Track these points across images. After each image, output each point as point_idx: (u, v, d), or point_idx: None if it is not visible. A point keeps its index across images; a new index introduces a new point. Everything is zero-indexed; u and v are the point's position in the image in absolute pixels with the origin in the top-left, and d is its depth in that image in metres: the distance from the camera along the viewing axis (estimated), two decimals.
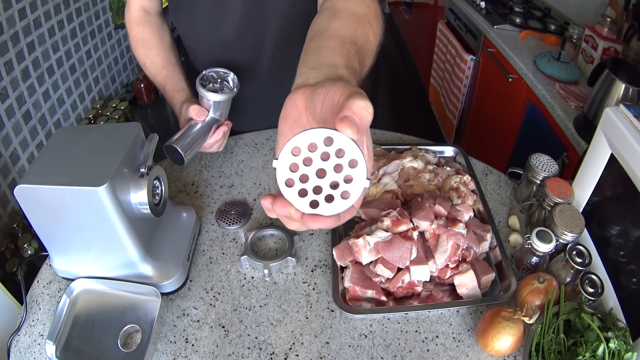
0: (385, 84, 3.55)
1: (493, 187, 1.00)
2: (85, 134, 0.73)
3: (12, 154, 1.94)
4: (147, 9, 1.02)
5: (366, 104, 0.39)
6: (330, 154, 0.40)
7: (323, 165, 0.40)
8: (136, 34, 1.01)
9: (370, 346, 0.73)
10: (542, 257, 0.78)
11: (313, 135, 0.40)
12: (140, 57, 1.02)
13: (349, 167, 0.40)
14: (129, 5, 1.01)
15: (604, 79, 1.21)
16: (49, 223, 0.69)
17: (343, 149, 0.40)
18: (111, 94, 2.87)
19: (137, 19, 1.01)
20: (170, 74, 1.00)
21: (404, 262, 0.76)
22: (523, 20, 1.84)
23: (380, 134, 1.14)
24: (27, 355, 0.71)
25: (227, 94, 0.92)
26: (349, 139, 0.39)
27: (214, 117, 0.94)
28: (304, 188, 0.40)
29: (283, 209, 0.40)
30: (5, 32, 1.88)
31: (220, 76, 0.95)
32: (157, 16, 1.04)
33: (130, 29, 1.02)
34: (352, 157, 0.40)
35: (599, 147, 0.78)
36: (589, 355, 0.63)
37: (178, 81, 0.99)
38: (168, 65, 1.00)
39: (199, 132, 0.92)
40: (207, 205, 0.96)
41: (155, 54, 1.01)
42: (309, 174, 0.40)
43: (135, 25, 1.01)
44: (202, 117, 0.91)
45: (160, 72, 1.00)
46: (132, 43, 1.02)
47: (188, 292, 0.80)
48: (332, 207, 0.40)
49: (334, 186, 0.40)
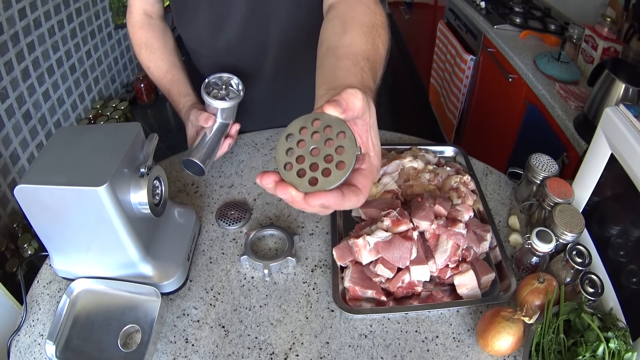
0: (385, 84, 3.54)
1: (493, 187, 1.00)
2: (85, 134, 0.73)
3: (12, 154, 1.94)
4: (149, 13, 1.01)
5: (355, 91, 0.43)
6: (319, 132, 0.43)
7: (315, 144, 0.43)
8: (139, 38, 1.01)
9: (370, 346, 0.73)
10: (542, 257, 0.78)
11: (303, 121, 0.44)
12: (144, 62, 1.02)
13: (338, 139, 0.43)
14: (130, 10, 1.01)
15: (604, 79, 1.21)
16: (49, 223, 0.69)
17: (331, 125, 0.43)
18: (111, 94, 2.87)
19: (139, 23, 1.00)
20: (175, 78, 0.99)
21: (404, 262, 0.76)
22: (523, 20, 1.84)
23: (380, 134, 1.13)
24: (27, 355, 0.71)
25: (233, 99, 0.92)
26: (334, 117, 0.43)
27: (223, 123, 0.94)
28: (302, 168, 0.43)
29: (284, 192, 0.42)
30: (5, 32, 1.88)
31: (224, 81, 0.94)
32: (160, 20, 1.04)
33: (132, 33, 1.01)
34: (340, 129, 0.43)
35: (599, 147, 0.78)
36: (589, 355, 0.63)
37: (183, 86, 0.99)
38: (173, 69, 1.00)
39: (213, 141, 0.93)
40: (207, 205, 0.96)
41: (159, 58, 1.00)
42: (304, 154, 0.43)
43: (138, 29, 1.01)
44: (211, 124, 0.92)
45: (165, 77, 1.00)
46: (135, 47, 1.02)
47: (188, 292, 0.80)
48: (330, 180, 0.42)
49: (329, 161, 0.43)
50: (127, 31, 1.04)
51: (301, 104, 1.22)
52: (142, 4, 1.00)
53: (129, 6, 1.01)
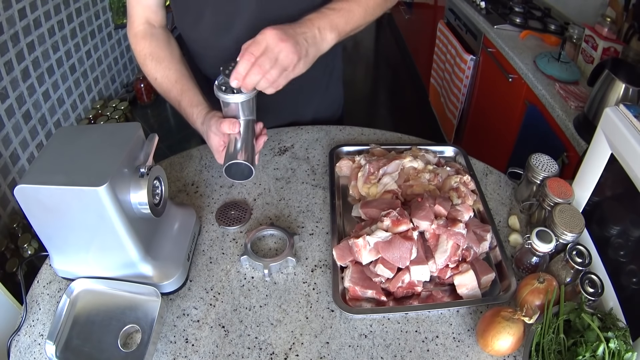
0: (385, 84, 3.56)
1: (493, 187, 1.00)
2: (85, 134, 0.73)
3: (12, 154, 1.94)
4: (151, 22, 0.97)
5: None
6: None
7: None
8: (142, 48, 0.96)
9: (370, 346, 0.73)
10: (542, 257, 0.78)
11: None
12: (149, 73, 0.96)
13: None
14: (131, 20, 0.96)
15: (604, 79, 1.21)
16: (49, 223, 0.69)
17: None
18: (111, 94, 2.88)
19: (142, 33, 0.96)
20: (185, 88, 0.93)
21: (404, 262, 0.76)
22: (523, 20, 1.84)
23: (380, 134, 1.14)
24: (27, 355, 0.71)
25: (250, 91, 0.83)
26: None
27: (247, 120, 0.85)
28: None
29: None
30: (5, 32, 1.88)
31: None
32: (162, 28, 0.99)
33: (135, 44, 0.97)
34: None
35: (599, 147, 0.78)
36: (589, 355, 0.63)
37: (194, 95, 0.93)
38: (182, 78, 0.94)
39: (248, 140, 0.85)
40: (207, 205, 0.96)
41: (167, 68, 0.95)
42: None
43: (140, 39, 0.96)
44: (237, 129, 0.83)
45: (174, 87, 0.94)
46: (139, 59, 0.97)
47: (188, 292, 0.80)
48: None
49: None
50: (130, 43, 0.99)
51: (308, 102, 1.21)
52: (143, 12, 0.96)
53: (129, 17, 0.96)
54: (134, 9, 0.96)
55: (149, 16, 0.97)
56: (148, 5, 0.96)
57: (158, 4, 0.97)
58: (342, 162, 1.01)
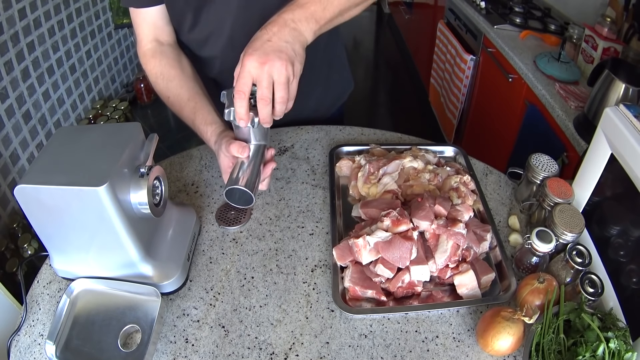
0: (385, 84, 3.56)
1: (493, 187, 1.00)
2: (85, 134, 0.73)
3: (12, 154, 1.94)
4: (160, 39, 0.95)
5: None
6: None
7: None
8: (153, 67, 0.94)
9: (370, 346, 0.73)
10: (542, 257, 0.78)
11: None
12: (161, 92, 0.94)
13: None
14: (140, 39, 0.94)
15: (604, 79, 1.21)
16: (49, 223, 0.69)
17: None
18: (111, 94, 2.88)
19: (151, 52, 0.94)
20: (198, 106, 0.90)
21: (404, 262, 0.76)
22: (523, 20, 1.84)
23: (380, 134, 1.14)
24: (27, 355, 0.72)
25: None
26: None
27: (257, 144, 0.81)
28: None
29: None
30: (5, 32, 1.88)
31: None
32: (172, 45, 0.97)
33: (145, 63, 0.95)
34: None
35: (599, 147, 0.78)
36: (589, 355, 0.63)
37: (208, 113, 0.90)
38: (195, 96, 0.92)
39: (254, 165, 0.80)
40: (207, 205, 0.96)
41: (179, 86, 0.92)
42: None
43: (150, 58, 0.94)
44: (246, 153, 0.80)
45: (187, 105, 0.91)
46: (151, 78, 0.95)
47: (188, 292, 0.80)
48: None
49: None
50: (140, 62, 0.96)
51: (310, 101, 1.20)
52: (151, 31, 0.94)
53: (137, 36, 0.95)
54: (140, 27, 0.94)
55: (156, 34, 0.95)
56: (153, 22, 0.94)
57: (164, 21, 0.94)
58: (342, 162, 1.01)
